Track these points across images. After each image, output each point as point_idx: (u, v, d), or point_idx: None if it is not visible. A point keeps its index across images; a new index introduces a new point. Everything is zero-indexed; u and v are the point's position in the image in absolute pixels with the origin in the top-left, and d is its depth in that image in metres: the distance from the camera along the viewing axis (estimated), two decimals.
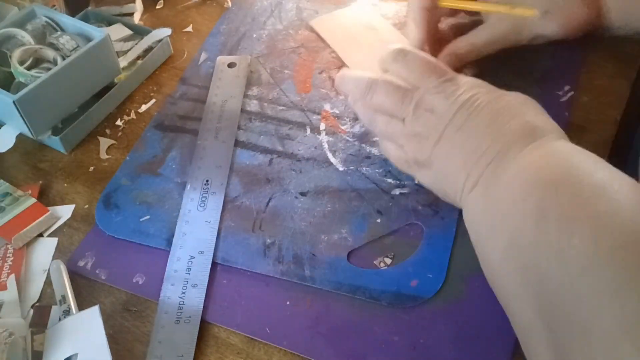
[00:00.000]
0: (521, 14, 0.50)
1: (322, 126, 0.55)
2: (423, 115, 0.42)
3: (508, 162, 0.38)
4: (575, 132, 0.52)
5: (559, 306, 0.31)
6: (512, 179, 0.37)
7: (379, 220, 0.47)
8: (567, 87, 0.55)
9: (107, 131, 0.57)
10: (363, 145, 0.53)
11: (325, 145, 0.53)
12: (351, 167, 0.51)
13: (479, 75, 0.56)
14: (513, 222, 0.35)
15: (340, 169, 0.51)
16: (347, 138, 0.54)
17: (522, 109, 0.40)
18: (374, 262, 0.45)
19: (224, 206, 0.49)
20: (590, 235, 0.30)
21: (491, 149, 0.38)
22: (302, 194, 0.50)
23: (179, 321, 0.42)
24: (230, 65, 0.62)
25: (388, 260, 0.45)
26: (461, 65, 0.54)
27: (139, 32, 0.65)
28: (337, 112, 0.56)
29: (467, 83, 0.42)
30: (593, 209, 0.31)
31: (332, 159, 0.52)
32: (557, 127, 0.40)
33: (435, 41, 0.55)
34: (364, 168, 0.51)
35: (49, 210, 0.50)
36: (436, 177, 0.43)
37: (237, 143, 0.54)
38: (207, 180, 0.51)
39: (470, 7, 0.53)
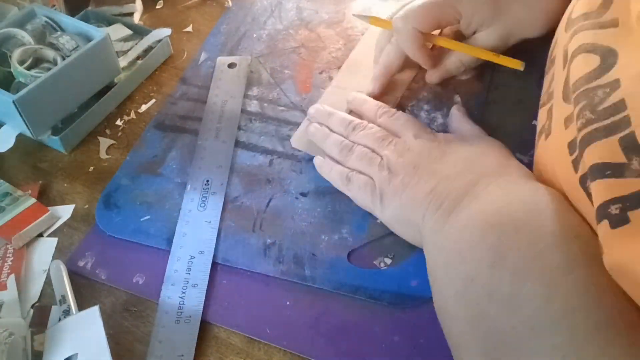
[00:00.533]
0: (506, 64, 0.53)
1: None
2: (400, 152, 0.45)
3: (473, 195, 0.38)
4: None
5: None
6: (473, 215, 0.37)
7: (379, 221, 0.47)
8: None
9: (107, 131, 0.57)
10: None
11: None
12: None
13: (478, 76, 0.56)
14: (469, 265, 0.34)
15: None
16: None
17: (493, 151, 0.43)
18: (374, 262, 0.45)
19: (224, 206, 0.49)
20: (542, 292, 0.30)
21: (460, 179, 0.40)
22: (303, 194, 0.50)
23: (179, 321, 0.42)
24: (231, 65, 0.62)
25: (388, 260, 0.45)
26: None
27: (139, 32, 0.65)
28: None
29: (443, 134, 0.47)
30: (548, 262, 0.31)
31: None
32: (525, 169, 0.41)
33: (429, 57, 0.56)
34: None
35: (49, 210, 0.50)
36: (402, 205, 0.43)
37: (237, 143, 0.54)
38: (207, 181, 0.51)
39: (461, 50, 0.54)
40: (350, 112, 0.53)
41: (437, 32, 0.56)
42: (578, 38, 0.35)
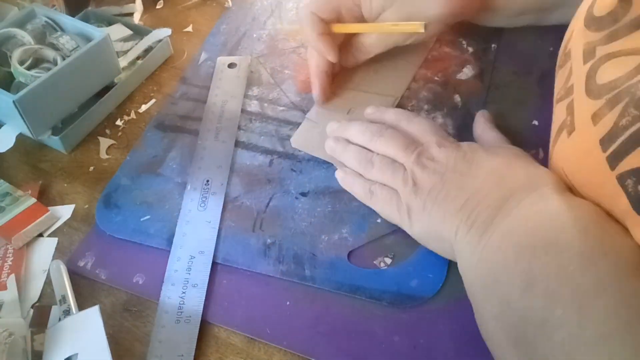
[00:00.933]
0: (407, 30, 0.52)
1: None
2: (425, 162, 0.43)
3: (505, 212, 0.37)
4: None
5: None
6: (506, 235, 0.36)
7: (379, 220, 0.47)
8: None
9: (107, 131, 0.57)
10: None
11: None
12: None
13: (478, 76, 0.56)
14: (504, 288, 0.34)
15: None
16: None
17: (520, 162, 0.41)
18: (374, 262, 0.45)
19: (224, 206, 0.49)
20: (573, 318, 0.30)
21: (491, 195, 0.39)
22: (303, 194, 0.50)
23: (179, 321, 0.42)
24: (231, 65, 0.62)
25: (388, 260, 0.45)
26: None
27: (139, 32, 0.65)
28: None
29: (466, 143, 0.45)
30: (577, 285, 0.30)
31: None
32: (556, 177, 0.39)
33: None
34: None
35: (49, 210, 0.50)
36: (431, 220, 0.41)
37: (237, 143, 0.54)
38: (207, 180, 0.51)
39: (359, 30, 0.54)
40: None
41: None
42: (613, 45, 0.35)
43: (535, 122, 0.53)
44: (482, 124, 0.50)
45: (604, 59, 0.35)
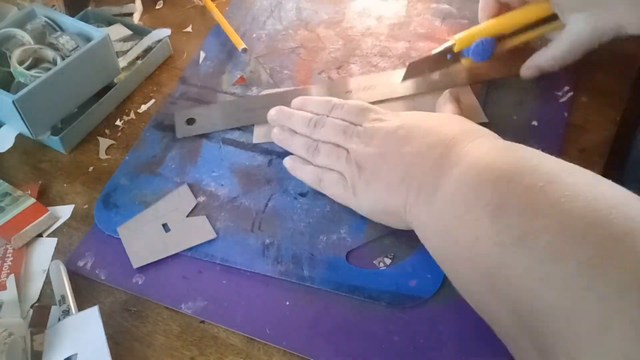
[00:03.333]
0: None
1: None
2: (365, 141, 0.44)
3: (450, 164, 0.38)
4: (575, 132, 0.52)
5: (536, 303, 0.30)
6: (459, 180, 0.36)
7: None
8: (566, 88, 0.55)
9: (107, 131, 0.57)
10: None
11: None
12: None
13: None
14: (469, 225, 0.34)
15: None
16: None
17: (454, 119, 0.44)
18: (373, 262, 0.45)
19: (223, 206, 0.49)
20: (554, 223, 0.30)
21: (430, 155, 0.40)
22: (302, 194, 0.50)
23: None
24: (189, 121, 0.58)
25: (387, 261, 0.45)
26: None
27: (138, 32, 0.65)
28: None
29: (402, 114, 0.46)
30: (552, 195, 0.31)
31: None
32: (490, 131, 0.41)
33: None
34: None
35: (48, 210, 0.50)
36: (377, 195, 0.43)
37: (236, 143, 0.55)
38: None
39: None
40: None
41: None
42: None
43: (535, 122, 0.53)
44: (445, 97, 0.51)
45: None
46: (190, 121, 0.54)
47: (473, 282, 0.35)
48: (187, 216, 0.49)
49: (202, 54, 0.64)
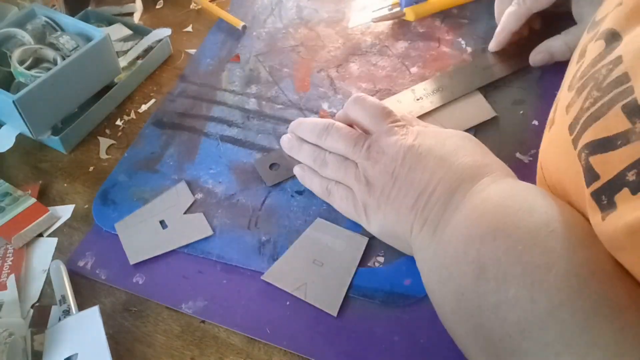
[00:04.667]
0: None
1: None
2: (375, 157, 0.43)
3: (454, 205, 0.38)
4: None
5: None
6: (456, 226, 0.36)
7: None
8: None
9: (107, 131, 0.57)
10: None
11: None
12: None
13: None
14: (456, 280, 0.34)
15: None
16: None
17: (467, 148, 0.41)
18: (368, 261, 0.45)
19: (220, 203, 0.49)
20: (525, 295, 0.30)
21: (439, 188, 0.39)
22: (298, 192, 0.50)
23: None
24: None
25: (381, 259, 0.45)
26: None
27: (139, 32, 0.65)
28: (334, 111, 0.56)
29: (417, 128, 0.44)
30: (527, 264, 0.30)
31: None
32: (501, 163, 0.41)
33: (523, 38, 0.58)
34: None
35: (49, 210, 0.50)
36: (386, 219, 0.42)
37: (234, 141, 0.55)
38: None
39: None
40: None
41: None
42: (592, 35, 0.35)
43: (535, 122, 0.53)
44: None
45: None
46: (273, 166, 0.52)
47: (456, 330, 0.36)
48: (185, 213, 0.49)
49: (203, 53, 0.64)
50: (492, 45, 0.59)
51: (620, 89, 0.28)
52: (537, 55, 0.55)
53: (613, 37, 0.32)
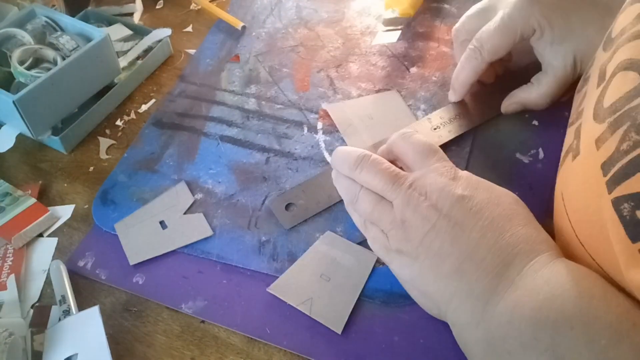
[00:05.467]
0: None
1: (320, 125, 0.55)
2: (416, 200, 0.38)
3: (509, 281, 0.34)
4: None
5: None
6: (516, 308, 0.33)
7: None
8: None
9: (107, 131, 0.58)
10: None
11: (322, 145, 0.53)
12: None
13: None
14: None
15: None
16: (344, 137, 0.54)
17: (522, 216, 0.37)
18: None
19: (220, 203, 0.50)
20: None
21: (490, 257, 0.35)
22: None
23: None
24: None
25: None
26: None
27: (139, 32, 0.65)
28: None
29: (465, 176, 0.39)
30: (611, 358, 0.29)
31: (329, 158, 0.52)
32: (553, 242, 0.37)
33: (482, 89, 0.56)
34: None
35: (49, 210, 0.50)
36: (422, 275, 0.37)
37: (234, 141, 0.55)
38: None
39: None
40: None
41: None
42: (617, 56, 0.34)
43: (535, 122, 0.53)
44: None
45: (610, 77, 0.34)
46: (290, 207, 0.48)
47: None
48: (184, 213, 0.49)
49: (203, 53, 0.64)
50: (452, 98, 0.54)
51: None
52: (510, 107, 0.53)
53: None
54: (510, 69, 0.57)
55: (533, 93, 0.51)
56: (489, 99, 0.54)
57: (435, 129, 0.52)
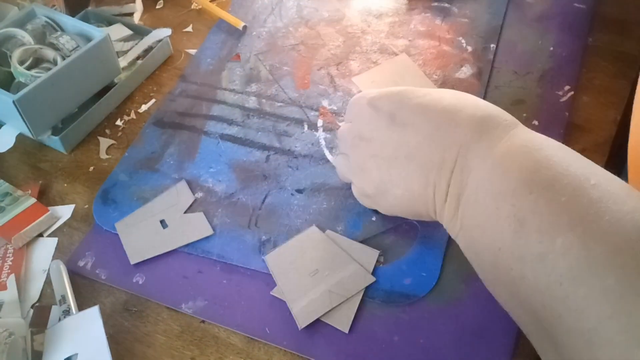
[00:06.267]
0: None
1: (320, 123, 0.55)
2: (360, 145, 0.41)
3: (472, 166, 0.35)
4: (575, 132, 0.52)
5: (556, 320, 0.29)
6: (480, 185, 0.34)
7: (374, 219, 0.47)
8: (567, 87, 0.55)
9: (107, 131, 0.57)
10: None
11: (323, 142, 0.53)
12: None
13: (476, 75, 0.56)
14: (491, 236, 0.33)
15: None
16: None
17: (460, 101, 0.38)
18: None
19: (220, 202, 0.49)
20: (578, 241, 0.29)
21: (450, 153, 0.36)
22: (298, 191, 0.50)
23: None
24: None
25: (382, 258, 0.45)
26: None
27: (139, 32, 0.65)
28: (334, 108, 0.56)
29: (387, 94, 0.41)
30: (575, 210, 0.29)
31: (329, 156, 0.52)
32: (505, 112, 0.37)
33: None
34: None
35: (49, 210, 0.50)
36: (402, 199, 0.39)
37: (234, 139, 0.55)
38: None
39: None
40: None
41: None
42: None
43: (535, 122, 0.52)
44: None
45: None
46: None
47: (497, 286, 0.35)
48: (185, 212, 0.49)
49: (203, 52, 0.64)
50: None
51: None
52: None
53: None
54: None
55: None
56: None
57: None
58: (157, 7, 0.73)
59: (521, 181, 0.32)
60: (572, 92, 0.54)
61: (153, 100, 0.60)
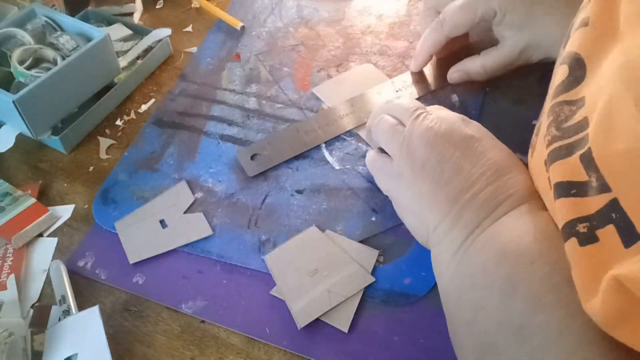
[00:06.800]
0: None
1: None
2: (426, 125, 0.41)
3: (493, 218, 0.36)
4: None
5: None
6: (489, 240, 0.35)
7: (373, 219, 0.47)
8: None
9: (107, 131, 0.57)
10: (359, 144, 0.53)
11: (322, 144, 0.53)
12: (347, 166, 0.51)
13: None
14: (480, 292, 0.33)
15: (337, 167, 0.51)
16: (344, 137, 0.54)
17: (517, 164, 0.39)
18: None
19: (220, 202, 0.50)
20: (555, 324, 0.29)
21: (486, 194, 0.37)
22: (298, 191, 0.50)
23: None
24: None
25: (381, 258, 0.45)
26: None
27: (139, 32, 0.65)
28: None
29: (476, 123, 0.42)
30: (564, 296, 0.29)
31: (329, 157, 0.52)
32: (538, 195, 0.38)
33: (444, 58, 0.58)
34: (360, 167, 0.51)
35: (48, 210, 0.50)
36: (420, 196, 0.40)
37: (234, 140, 0.55)
38: None
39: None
40: None
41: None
42: (566, 49, 0.34)
43: (535, 122, 0.52)
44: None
45: (555, 70, 0.35)
46: (255, 157, 0.52)
47: (464, 344, 0.35)
48: (185, 212, 0.49)
49: (203, 52, 0.64)
50: (412, 67, 0.58)
51: (580, 136, 0.28)
52: (455, 74, 0.56)
53: (577, 64, 0.31)
54: (467, 47, 0.59)
55: (477, 62, 0.54)
56: (444, 71, 0.57)
57: (397, 91, 0.57)
58: (157, 7, 0.73)
59: (529, 251, 0.32)
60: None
61: (153, 100, 0.60)
